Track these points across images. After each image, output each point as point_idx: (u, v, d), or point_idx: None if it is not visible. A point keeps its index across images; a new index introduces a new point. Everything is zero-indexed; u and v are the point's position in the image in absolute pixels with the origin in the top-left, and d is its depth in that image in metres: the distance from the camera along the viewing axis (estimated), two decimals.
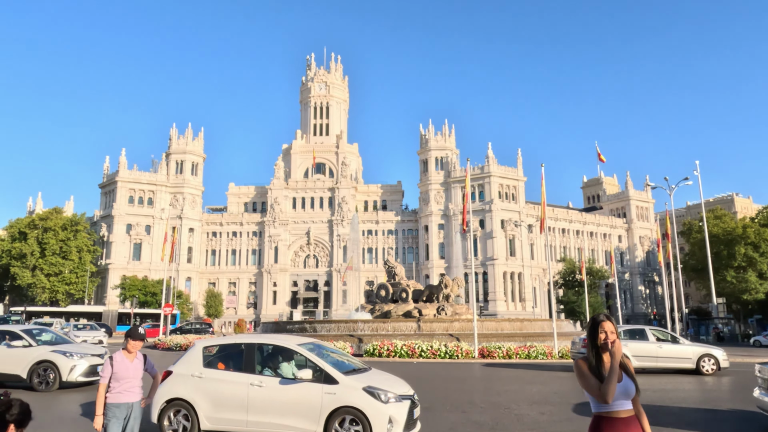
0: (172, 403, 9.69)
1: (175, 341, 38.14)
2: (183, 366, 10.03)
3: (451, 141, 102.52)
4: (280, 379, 9.50)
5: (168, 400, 9.69)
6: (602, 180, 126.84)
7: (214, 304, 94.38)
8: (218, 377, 9.79)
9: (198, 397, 9.63)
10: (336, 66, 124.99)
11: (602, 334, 4.51)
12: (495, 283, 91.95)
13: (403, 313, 36.15)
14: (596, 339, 4.53)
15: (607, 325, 4.53)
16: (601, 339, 4.50)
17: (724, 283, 75.27)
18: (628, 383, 4.48)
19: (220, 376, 9.80)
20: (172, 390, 9.75)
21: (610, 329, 4.51)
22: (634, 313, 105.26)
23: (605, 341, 4.48)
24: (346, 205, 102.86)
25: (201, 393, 9.65)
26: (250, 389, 9.42)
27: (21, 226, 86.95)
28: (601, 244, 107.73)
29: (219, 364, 10.05)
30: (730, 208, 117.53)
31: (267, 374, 9.64)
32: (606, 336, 4.49)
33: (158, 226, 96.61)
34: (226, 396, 9.57)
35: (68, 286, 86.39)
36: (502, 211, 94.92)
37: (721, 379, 20.90)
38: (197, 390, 9.68)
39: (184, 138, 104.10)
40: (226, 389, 9.61)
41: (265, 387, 9.42)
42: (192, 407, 9.60)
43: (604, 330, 4.51)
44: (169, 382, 9.85)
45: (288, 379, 9.46)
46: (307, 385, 9.24)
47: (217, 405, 9.56)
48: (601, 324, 4.55)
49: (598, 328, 4.54)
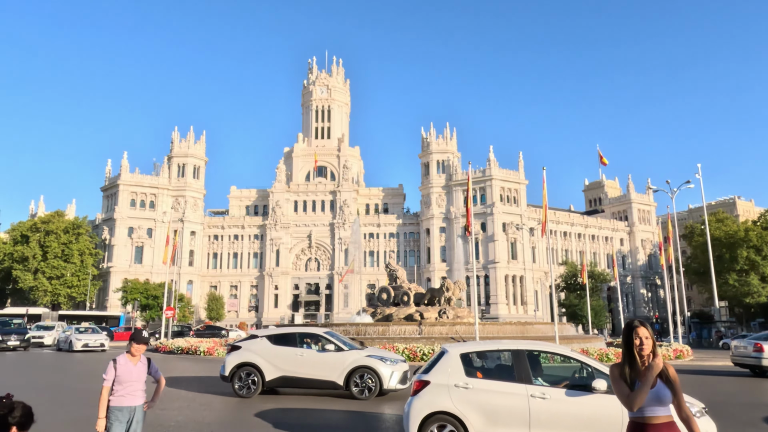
0: (434, 417, 8.72)
1: (177, 344, 38.02)
2: (440, 375, 9.01)
3: (452, 144, 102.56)
4: (566, 390, 8.48)
5: (430, 414, 8.71)
6: (604, 183, 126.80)
7: (215, 308, 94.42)
8: (489, 388, 8.78)
9: (467, 410, 8.64)
10: (337, 69, 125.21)
11: (637, 339, 4.53)
12: (496, 287, 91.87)
13: (405, 316, 36.11)
14: (632, 345, 4.56)
15: (642, 331, 4.56)
16: (637, 345, 4.52)
17: (726, 287, 75.18)
18: (661, 389, 4.47)
19: (492, 387, 8.79)
20: (435, 402, 8.75)
21: (645, 335, 4.54)
22: (636, 316, 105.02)
23: (640, 347, 4.51)
24: (348, 209, 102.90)
25: (470, 405, 8.67)
26: (531, 401, 8.42)
27: (23, 229, 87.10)
28: (603, 247, 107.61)
29: (477, 373, 9.17)
30: (732, 211, 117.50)
31: (540, 383, 8.69)
32: (641, 341, 4.52)
33: (160, 229, 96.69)
34: (501, 409, 8.56)
35: (70, 290, 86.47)
36: (504, 214, 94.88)
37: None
38: (465, 402, 8.69)
39: (186, 141, 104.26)
40: (500, 401, 8.60)
41: (549, 399, 8.39)
42: (461, 422, 8.64)
43: (639, 336, 4.54)
44: (429, 393, 8.86)
45: (577, 390, 8.47)
46: (605, 397, 8.09)
47: (491, 419, 8.57)
48: (636, 329, 4.57)
49: (632, 334, 4.56)
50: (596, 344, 34.43)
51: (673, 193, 57.25)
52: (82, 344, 38.44)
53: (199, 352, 35.22)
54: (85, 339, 38.90)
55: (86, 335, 39.88)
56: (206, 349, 35.21)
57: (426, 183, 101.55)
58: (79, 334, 40.17)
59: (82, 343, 38.58)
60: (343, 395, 16.04)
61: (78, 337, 39.04)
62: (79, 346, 38.24)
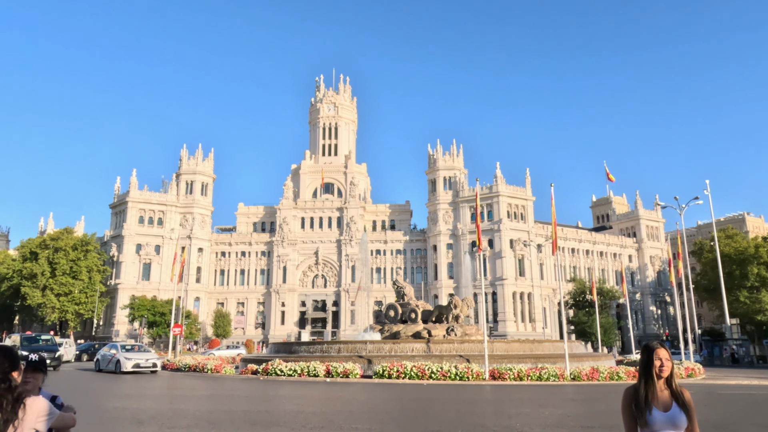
0: None
1: (184, 362, 37.91)
2: None
3: (459, 161, 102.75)
4: None
5: None
6: (611, 199, 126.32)
7: (222, 324, 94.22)
8: None
9: None
10: (345, 87, 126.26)
11: (658, 361, 4.48)
12: (504, 304, 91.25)
13: (413, 333, 35.90)
14: (651, 366, 4.50)
15: (661, 352, 4.51)
16: (657, 366, 4.46)
17: (737, 304, 74.29)
18: (676, 413, 4.40)
19: None
20: None
21: (665, 356, 4.49)
22: (646, 333, 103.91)
23: (660, 368, 4.46)
24: (355, 225, 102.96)
25: None
26: None
27: (32, 246, 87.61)
28: (611, 263, 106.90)
29: None
30: (741, 227, 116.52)
31: None
32: (662, 363, 4.46)
33: (168, 246, 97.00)
34: None
35: (77, 306, 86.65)
36: (511, 230, 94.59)
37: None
38: None
39: (195, 159, 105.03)
40: None
41: None
42: None
43: (660, 357, 4.49)
44: None
45: None
46: None
47: None
48: (655, 351, 4.52)
49: (653, 355, 4.51)
50: (606, 362, 34.05)
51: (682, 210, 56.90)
52: (132, 365, 33.75)
53: (206, 370, 35.13)
54: (135, 358, 34.29)
55: (135, 354, 35.36)
56: (213, 367, 35.11)
57: (433, 200, 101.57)
58: (126, 352, 35.35)
59: (132, 363, 33.84)
60: None
61: (127, 357, 34.35)
62: (129, 366, 33.49)
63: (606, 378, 27.88)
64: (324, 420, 15.57)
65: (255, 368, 31.83)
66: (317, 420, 15.57)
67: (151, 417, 15.90)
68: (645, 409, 4.39)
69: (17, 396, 3.85)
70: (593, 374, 27.89)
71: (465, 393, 22.50)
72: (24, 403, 3.87)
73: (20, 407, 3.82)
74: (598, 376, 27.82)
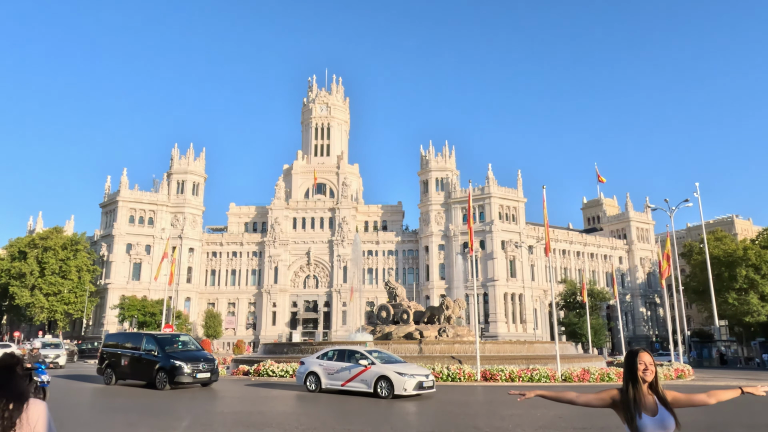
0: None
1: None
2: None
3: (451, 162, 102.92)
4: None
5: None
6: (602, 201, 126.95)
7: (213, 325, 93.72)
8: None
9: None
10: (337, 87, 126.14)
11: (641, 365, 4.55)
12: (496, 305, 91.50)
13: (405, 334, 35.90)
14: (635, 369, 4.57)
15: (645, 357, 4.58)
16: (641, 369, 4.53)
17: (725, 306, 74.94)
18: (665, 416, 4.47)
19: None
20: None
21: (648, 361, 4.56)
22: (636, 335, 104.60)
23: (645, 371, 4.53)
24: (347, 226, 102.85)
25: None
26: None
27: (21, 246, 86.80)
28: (602, 265, 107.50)
29: None
30: (730, 229, 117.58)
31: None
32: (645, 367, 4.54)
33: (158, 246, 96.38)
34: None
35: (67, 306, 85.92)
36: (503, 232, 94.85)
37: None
38: None
39: (186, 158, 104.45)
40: None
41: None
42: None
43: (643, 361, 4.56)
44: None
45: None
46: None
47: None
48: (639, 355, 4.60)
49: (636, 359, 4.58)
50: (597, 363, 34.22)
51: (672, 212, 57.36)
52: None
53: None
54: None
55: None
56: None
57: (425, 201, 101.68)
58: None
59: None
60: None
61: None
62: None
63: (597, 379, 28.03)
64: (317, 421, 15.55)
65: (247, 369, 31.75)
66: (310, 421, 15.55)
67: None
68: (635, 414, 4.44)
69: None
70: (584, 375, 28.03)
71: (457, 394, 22.55)
72: None
73: None
74: (589, 377, 27.97)
